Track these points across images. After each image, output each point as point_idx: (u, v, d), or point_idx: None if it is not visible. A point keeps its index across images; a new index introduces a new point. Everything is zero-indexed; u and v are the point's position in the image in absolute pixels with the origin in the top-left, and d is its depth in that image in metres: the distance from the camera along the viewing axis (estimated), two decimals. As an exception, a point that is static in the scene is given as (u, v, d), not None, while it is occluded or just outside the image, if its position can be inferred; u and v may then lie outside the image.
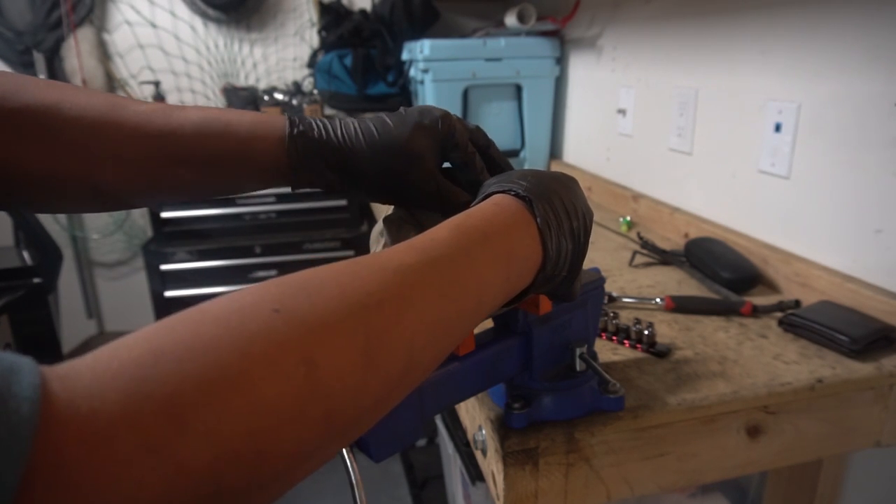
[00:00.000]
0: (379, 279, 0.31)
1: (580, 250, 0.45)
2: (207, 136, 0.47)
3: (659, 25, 1.22)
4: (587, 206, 0.47)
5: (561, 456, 0.56)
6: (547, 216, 0.42)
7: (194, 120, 0.47)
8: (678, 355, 0.70)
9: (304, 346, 0.26)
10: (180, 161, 0.46)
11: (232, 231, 2.07)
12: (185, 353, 0.23)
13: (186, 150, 0.46)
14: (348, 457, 0.42)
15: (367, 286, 0.30)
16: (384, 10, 1.93)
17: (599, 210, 1.37)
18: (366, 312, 0.29)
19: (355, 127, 0.50)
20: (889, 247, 0.77)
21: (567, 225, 0.43)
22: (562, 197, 0.44)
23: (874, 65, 0.77)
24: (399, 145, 0.49)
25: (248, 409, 0.23)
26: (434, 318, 0.33)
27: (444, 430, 1.32)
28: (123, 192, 0.48)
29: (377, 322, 0.29)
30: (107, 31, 2.18)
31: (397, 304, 0.31)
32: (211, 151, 0.47)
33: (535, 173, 0.45)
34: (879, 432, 0.68)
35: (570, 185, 0.46)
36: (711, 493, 1.01)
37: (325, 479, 2.15)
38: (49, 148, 0.43)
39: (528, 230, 0.41)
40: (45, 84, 0.44)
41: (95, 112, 0.44)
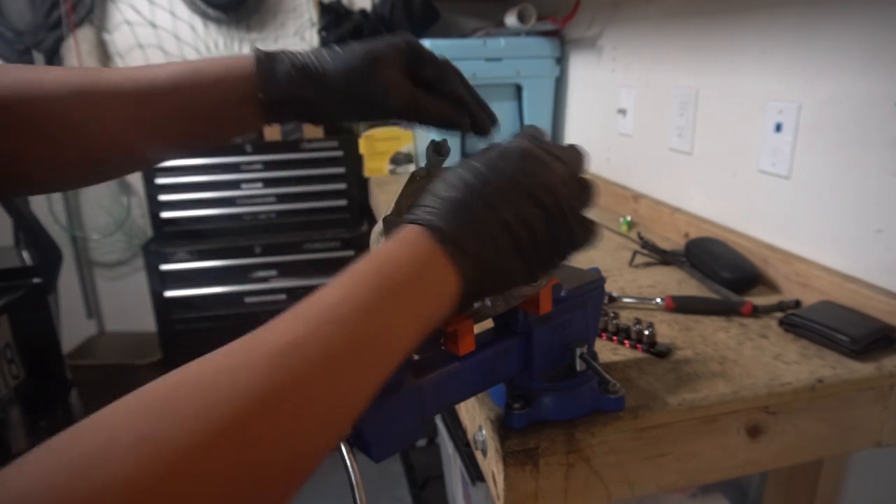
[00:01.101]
0: (258, 371, 0.28)
1: (527, 240, 0.40)
2: (182, 85, 0.48)
3: (659, 25, 1.22)
4: (535, 183, 0.41)
5: (561, 456, 0.56)
6: (458, 237, 0.37)
7: (168, 72, 0.48)
8: (678, 355, 0.70)
9: (166, 484, 0.24)
10: (161, 113, 0.48)
11: (232, 231, 2.07)
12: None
13: (165, 101, 0.48)
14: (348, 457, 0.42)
15: (242, 384, 0.27)
16: (384, 10, 1.93)
17: (600, 210, 1.37)
18: (236, 422, 0.26)
19: (320, 49, 0.51)
20: (889, 247, 0.77)
21: (493, 229, 0.39)
22: (487, 197, 0.39)
23: (874, 65, 0.77)
24: (364, 51, 0.50)
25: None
26: (327, 400, 0.30)
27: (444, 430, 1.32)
28: (116, 156, 0.49)
29: (254, 429, 0.27)
30: (107, 31, 2.18)
31: (277, 400, 0.28)
32: (188, 98, 0.48)
33: (457, 178, 0.40)
34: (880, 432, 0.68)
35: (504, 172, 0.40)
36: (711, 493, 1.00)
37: (325, 479, 2.15)
38: (36, 125, 0.45)
39: (436, 260, 0.37)
40: (19, 67, 0.45)
41: (73, 81, 0.45)
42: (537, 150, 0.42)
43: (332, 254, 2.08)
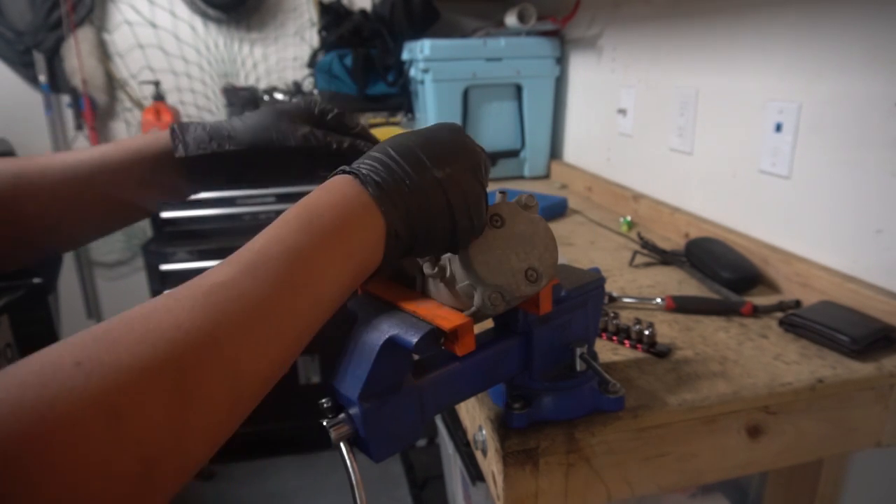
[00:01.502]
0: (189, 307, 0.30)
1: (459, 199, 0.42)
2: (105, 161, 0.53)
3: (659, 25, 1.22)
4: (466, 147, 0.44)
5: (561, 456, 0.56)
6: (383, 184, 0.40)
7: (92, 152, 0.53)
8: (678, 355, 0.70)
9: (107, 399, 0.25)
10: (89, 190, 0.52)
11: (232, 231, 2.07)
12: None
13: (90, 179, 0.52)
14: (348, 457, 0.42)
15: (176, 318, 0.29)
16: (384, 10, 1.92)
17: (600, 210, 1.37)
18: (174, 349, 0.28)
19: (230, 118, 0.57)
20: (889, 247, 0.77)
21: (425, 183, 0.41)
22: (420, 155, 0.42)
23: (874, 65, 0.77)
24: (269, 108, 0.56)
25: (52, 475, 0.23)
26: (259, 333, 0.31)
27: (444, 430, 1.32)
28: (45, 235, 0.53)
29: (189, 357, 0.28)
30: (107, 31, 2.18)
31: (210, 330, 0.30)
32: (111, 173, 0.53)
33: (393, 140, 0.43)
34: (880, 432, 0.68)
35: (438, 137, 0.44)
36: (712, 493, 1.00)
37: (325, 479, 2.15)
38: None
39: (360, 203, 0.39)
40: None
41: (3, 167, 0.50)
42: (461, 128, 0.47)
43: (333, 254, 2.08)
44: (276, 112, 0.56)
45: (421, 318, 0.45)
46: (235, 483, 2.11)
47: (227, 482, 2.12)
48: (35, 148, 2.17)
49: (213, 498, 2.06)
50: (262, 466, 2.19)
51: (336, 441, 0.42)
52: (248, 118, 0.55)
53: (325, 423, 0.43)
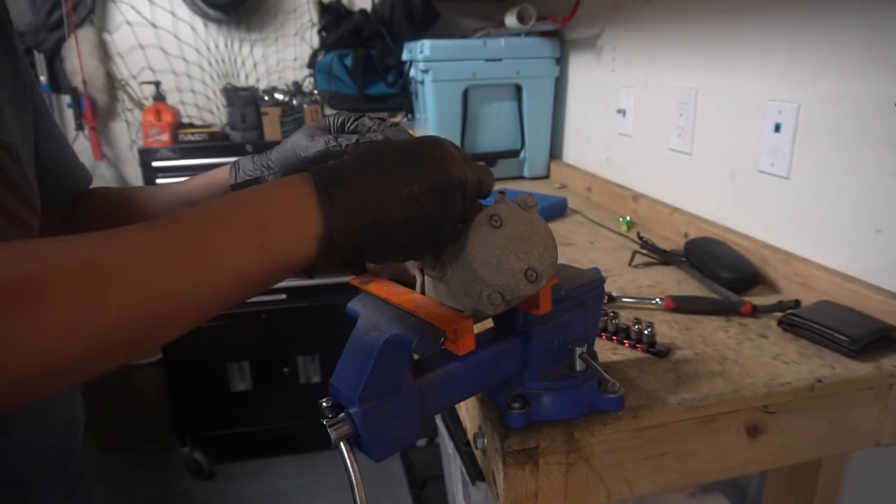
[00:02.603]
0: (86, 241, 0.33)
1: (418, 218, 0.41)
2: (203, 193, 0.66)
3: (659, 25, 1.23)
4: (441, 169, 0.42)
5: (561, 456, 0.56)
6: (337, 189, 0.39)
7: (189, 188, 0.66)
8: (678, 355, 0.70)
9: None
10: None
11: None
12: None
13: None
14: (348, 456, 0.43)
15: (69, 245, 0.33)
16: (384, 11, 1.93)
17: (599, 210, 1.37)
18: (71, 276, 0.31)
19: (280, 147, 0.62)
20: (889, 247, 0.77)
21: (386, 196, 0.40)
22: (390, 168, 0.41)
23: (874, 65, 0.77)
24: (291, 136, 0.61)
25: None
26: (123, 278, 0.33)
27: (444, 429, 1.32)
28: None
29: (79, 286, 0.31)
30: (107, 32, 2.18)
31: (104, 269, 0.32)
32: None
33: (372, 148, 0.43)
34: (879, 432, 0.68)
35: (415, 153, 0.43)
36: (711, 492, 1.01)
37: (325, 478, 2.15)
38: None
39: (302, 201, 0.39)
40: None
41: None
42: (452, 149, 0.45)
43: (333, 254, 2.08)
44: (300, 132, 0.60)
45: (421, 318, 0.45)
46: (235, 483, 2.12)
47: (227, 482, 2.12)
48: (35, 148, 2.17)
49: (213, 498, 2.06)
50: (262, 466, 2.20)
51: (336, 441, 0.43)
52: (282, 143, 0.62)
53: (325, 422, 0.43)
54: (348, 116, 0.61)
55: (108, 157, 2.26)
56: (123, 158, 2.29)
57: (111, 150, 2.28)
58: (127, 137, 2.27)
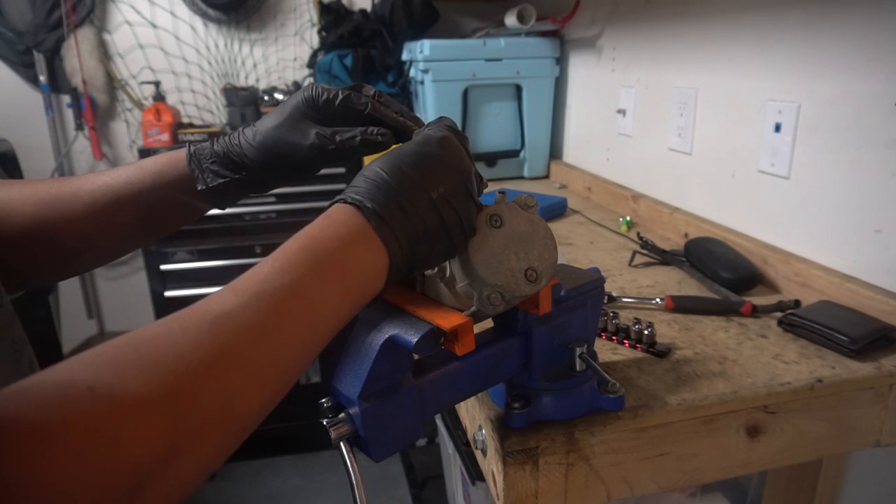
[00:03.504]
0: (194, 336, 0.31)
1: (453, 217, 0.43)
2: (131, 187, 0.55)
3: (659, 25, 1.23)
4: (456, 165, 0.44)
5: (561, 456, 0.56)
6: (384, 214, 0.40)
7: (120, 178, 0.55)
8: (678, 355, 0.70)
9: (111, 426, 0.27)
10: (118, 213, 0.55)
11: (232, 231, 2.07)
12: (5, 443, 0.24)
13: (119, 203, 0.55)
14: (348, 456, 0.42)
15: (181, 348, 0.31)
16: (384, 11, 1.93)
17: (599, 210, 1.37)
18: (175, 380, 0.30)
19: (240, 131, 0.56)
20: (889, 247, 0.77)
21: (421, 206, 0.41)
22: (414, 178, 0.42)
23: (874, 65, 0.77)
24: (272, 124, 0.54)
25: (54, 481, 0.25)
26: (259, 364, 0.33)
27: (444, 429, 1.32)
28: (83, 253, 0.58)
29: (187, 388, 0.30)
30: (107, 31, 2.18)
31: (212, 362, 0.31)
32: (137, 197, 0.55)
33: (386, 162, 0.43)
34: (879, 432, 0.68)
35: (430, 155, 0.44)
36: (711, 492, 1.01)
37: (325, 478, 2.15)
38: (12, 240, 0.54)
39: (363, 236, 0.40)
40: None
41: (38, 196, 0.54)
42: (454, 139, 0.46)
43: (333, 254, 2.08)
44: (283, 118, 0.54)
45: (421, 318, 0.45)
46: (235, 483, 2.11)
47: (227, 482, 2.12)
48: (35, 148, 2.17)
49: (213, 498, 2.06)
50: (262, 466, 2.20)
51: (336, 441, 0.43)
52: (259, 132, 0.55)
53: (325, 422, 0.43)
54: (331, 93, 0.54)
55: (107, 157, 2.26)
56: (123, 158, 2.29)
57: (111, 150, 2.28)
58: (127, 137, 2.27)
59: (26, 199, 0.54)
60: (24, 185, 0.55)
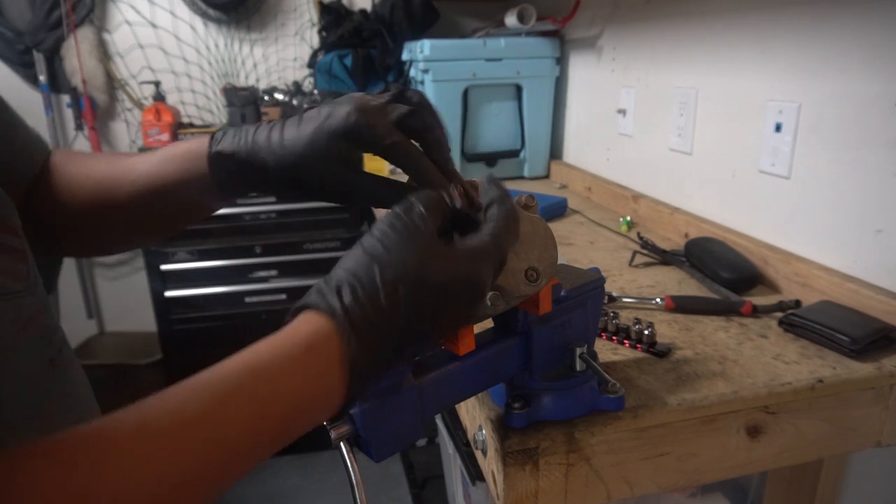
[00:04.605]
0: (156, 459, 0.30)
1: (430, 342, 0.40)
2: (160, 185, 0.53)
3: (659, 25, 1.22)
4: (461, 293, 0.38)
5: (561, 456, 0.56)
6: (363, 360, 0.36)
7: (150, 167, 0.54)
8: (678, 355, 0.70)
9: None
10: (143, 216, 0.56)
11: (232, 231, 2.07)
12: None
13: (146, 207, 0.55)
14: (348, 456, 0.42)
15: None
16: (384, 11, 1.92)
17: (599, 210, 1.37)
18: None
19: (266, 135, 0.49)
20: (889, 247, 0.77)
21: (413, 336, 0.37)
22: (411, 308, 0.36)
23: (874, 65, 0.77)
24: (298, 152, 0.47)
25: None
26: (178, 479, 0.31)
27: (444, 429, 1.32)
28: (119, 243, 0.63)
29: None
30: (107, 31, 2.18)
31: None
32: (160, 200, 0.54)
33: (383, 276, 0.36)
34: (880, 432, 0.68)
35: (433, 279, 0.37)
36: (711, 493, 1.01)
37: (325, 478, 2.15)
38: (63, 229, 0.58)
39: (334, 378, 0.35)
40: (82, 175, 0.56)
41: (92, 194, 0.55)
42: (484, 275, 0.40)
43: (332, 254, 2.08)
44: (313, 149, 0.47)
45: (421, 318, 0.45)
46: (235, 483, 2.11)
47: (227, 482, 2.12)
48: (35, 148, 2.17)
49: (213, 498, 2.06)
50: (261, 466, 2.18)
51: (336, 441, 0.42)
52: (289, 147, 0.48)
53: (325, 422, 0.43)
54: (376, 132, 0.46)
55: (107, 157, 2.26)
56: (123, 158, 2.29)
57: (111, 150, 2.28)
58: (127, 137, 2.27)
59: (86, 178, 0.55)
60: (83, 163, 0.56)
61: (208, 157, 0.50)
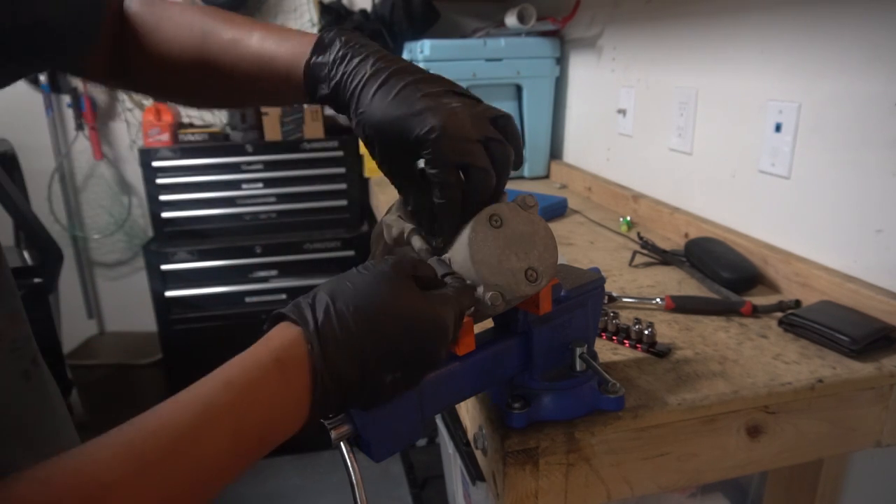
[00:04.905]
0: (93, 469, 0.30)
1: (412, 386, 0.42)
2: (260, 73, 0.54)
3: (659, 25, 1.22)
4: (422, 339, 0.40)
5: (561, 456, 0.56)
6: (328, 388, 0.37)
7: (253, 56, 0.54)
8: (678, 355, 0.70)
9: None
10: (244, 92, 0.59)
11: (232, 231, 2.07)
12: None
13: (247, 83, 0.56)
14: (348, 456, 0.42)
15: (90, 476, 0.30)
16: (384, 11, 1.93)
17: (599, 210, 1.37)
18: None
19: (372, 95, 0.49)
20: (889, 247, 0.77)
21: (371, 384, 0.39)
22: (368, 353, 0.38)
23: (874, 65, 0.77)
24: (376, 122, 0.48)
25: None
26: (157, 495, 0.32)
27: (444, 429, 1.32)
28: (211, 99, 0.65)
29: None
30: (107, 32, 2.18)
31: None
32: (262, 86, 0.56)
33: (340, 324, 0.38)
34: (880, 432, 0.68)
35: (388, 329, 0.39)
36: (711, 493, 1.01)
37: (325, 478, 2.15)
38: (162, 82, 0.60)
39: (297, 365, 0.37)
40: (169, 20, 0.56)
41: (193, 49, 0.56)
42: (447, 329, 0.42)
43: (333, 254, 2.08)
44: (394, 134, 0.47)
45: (421, 318, 0.45)
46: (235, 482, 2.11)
47: (228, 482, 2.12)
48: (35, 148, 2.16)
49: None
50: (262, 466, 2.20)
51: (336, 441, 0.42)
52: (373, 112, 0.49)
53: (325, 422, 0.43)
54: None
55: (108, 157, 2.26)
56: (123, 158, 2.29)
57: (111, 150, 2.28)
58: (127, 137, 2.27)
59: (187, 36, 0.56)
60: (178, 14, 0.56)
61: (305, 85, 0.52)
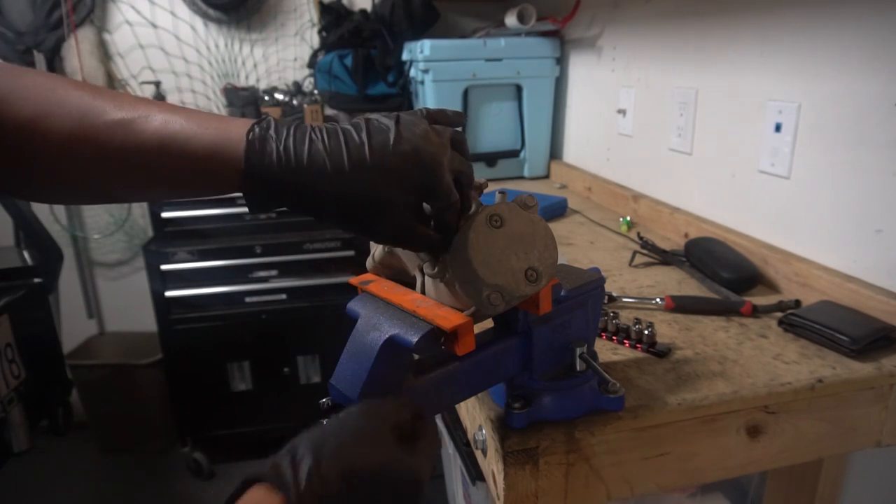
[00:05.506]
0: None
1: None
2: (167, 156, 0.44)
3: (659, 25, 1.22)
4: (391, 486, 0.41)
5: (561, 456, 0.56)
6: None
7: (155, 137, 0.44)
8: (678, 355, 0.70)
9: None
10: (139, 183, 0.46)
11: (232, 231, 2.07)
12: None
13: (146, 170, 0.45)
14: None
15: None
16: (384, 11, 1.92)
17: (599, 210, 1.37)
18: None
19: (324, 156, 0.42)
20: (889, 247, 0.77)
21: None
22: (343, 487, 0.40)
23: (874, 65, 0.77)
24: (364, 192, 0.43)
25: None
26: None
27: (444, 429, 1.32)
28: (94, 195, 0.52)
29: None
30: (107, 31, 2.18)
31: None
32: (169, 172, 0.45)
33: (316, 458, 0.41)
34: (879, 432, 0.68)
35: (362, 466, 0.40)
36: (711, 492, 1.01)
37: (326, 479, 2.15)
38: (24, 171, 0.45)
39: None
40: (27, 90, 0.44)
41: (66, 130, 0.43)
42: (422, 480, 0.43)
43: (332, 254, 2.08)
44: (378, 199, 0.43)
45: (421, 318, 0.45)
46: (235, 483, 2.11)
47: (227, 482, 2.12)
48: (35, 148, 2.16)
49: (213, 498, 2.06)
50: (262, 466, 2.19)
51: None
52: (350, 174, 0.42)
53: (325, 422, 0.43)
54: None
55: (108, 157, 2.26)
56: (123, 158, 2.29)
57: (111, 150, 2.28)
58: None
59: (59, 120, 0.44)
60: (64, 99, 0.44)
61: (241, 177, 0.43)
